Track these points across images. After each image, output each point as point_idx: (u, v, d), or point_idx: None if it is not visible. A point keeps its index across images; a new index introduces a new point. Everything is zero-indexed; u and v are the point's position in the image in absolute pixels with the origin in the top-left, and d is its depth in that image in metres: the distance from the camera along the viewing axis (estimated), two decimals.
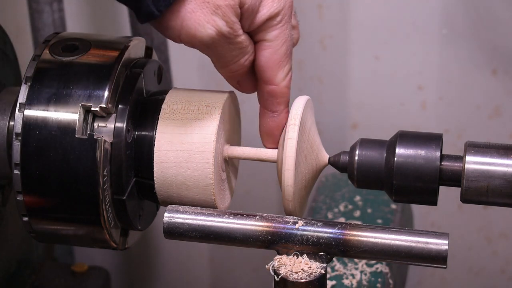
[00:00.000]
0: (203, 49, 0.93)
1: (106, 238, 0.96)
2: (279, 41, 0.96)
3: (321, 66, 1.57)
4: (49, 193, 0.93)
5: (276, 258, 0.92)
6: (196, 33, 0.91)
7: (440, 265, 0.90)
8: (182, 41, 0.93)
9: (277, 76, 0.96)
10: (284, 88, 0.97)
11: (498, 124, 1.55)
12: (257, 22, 0.93)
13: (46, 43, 0.97)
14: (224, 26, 0.91)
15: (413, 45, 1.52)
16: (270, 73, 0.96)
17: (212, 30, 0.91)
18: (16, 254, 1.17)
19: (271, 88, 0.97)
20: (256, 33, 0.95)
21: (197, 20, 0.91)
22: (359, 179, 0.95)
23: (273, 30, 0.95)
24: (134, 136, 0.96)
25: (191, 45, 0.93)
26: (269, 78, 0.96)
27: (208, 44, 0.92)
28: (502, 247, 1.64)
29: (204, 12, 0.91)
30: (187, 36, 0.92)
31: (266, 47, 0.95)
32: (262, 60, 0.96)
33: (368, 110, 1.58)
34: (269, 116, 0.98)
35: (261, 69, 0.96)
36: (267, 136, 0.98)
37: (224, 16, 0.91)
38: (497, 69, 1.51)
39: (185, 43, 0.93)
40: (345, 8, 1.51)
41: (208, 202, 0.96)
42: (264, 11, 0.94)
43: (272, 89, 0.97)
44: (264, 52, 0.96)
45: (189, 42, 0.92)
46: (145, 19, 0.92)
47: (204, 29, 0.91)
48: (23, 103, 0.93)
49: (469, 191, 0.91)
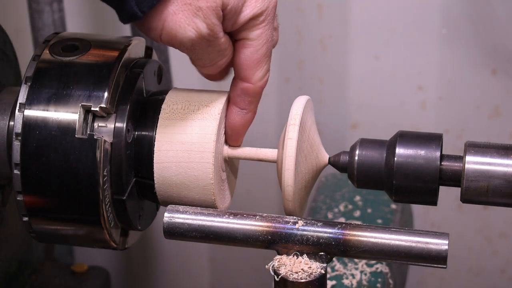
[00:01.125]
0: (182, 50, 0.94)
1: (106, 238, 0.96)
2: (260, 40, 0.96)
3: (321, 66, 1.57)
4: (49, 193, 0.93)
5: (276, 258, 0.92)
6: (177, 35, 0.91)
7: (440, 265, 0.90)
8: (162, 41, 0.93)
9: (255, 75, 0.96)
10: (259, 88, 0.97)
11: (498, 124, 1.55)
12: (240, 22, 0.93)
13: (46, 43, 0.97)
14: (205, 28, 0.91)
15: (413, 45, 1.52)
16: (249, 72, 0.96)
17: (192, 32, 0.91)
18: (16, 254, 1.17)
19: (246, 86, 0.97)
20: (238, 32, 0.95)
21: (178, 22, 0.91)
22: (359, 179, 0.95)
23: (256, 30, 0.95)
24: (134, 136, 0.96)
25: (171, 45, 0.94)
26: (246, 76, 0.96)
27: (188, 45, 0.92)
28: (502, 247, 1.64)
29: (185, 14, 0.91)
30: (167, 37, 0.92)
31: (247, 45, 0.95)
32: (242, 58, 0.96)
33: (368, 110, 1.58)
34: (237, 113, 0.98)
35: (240, 66, 0.96)
36: (231, 132, 0.98)
37: (206, 19, 0.91)
38: (497, 69, 1.51)
39: (165, 43, 0.93)
40: (345, 8, 1.51)
41: (208, 202, 0.96)
42: (248, 11, 0.94)
43: (247, 87, 0.97)
44: (245, 51, 0.96)
45: (169, 42, 0.93)
46: (128, 19, 0.92)
47: (185, 31, 0.91)
48: (23, 103, 0.93)
49: (469, 191, 0.91)
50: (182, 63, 1.54)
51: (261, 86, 0.97)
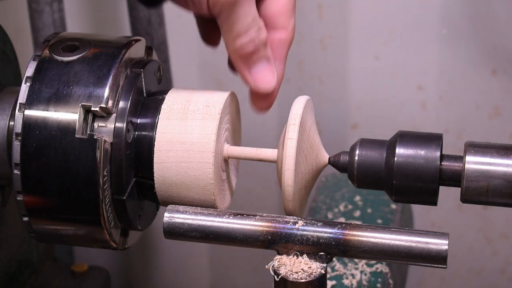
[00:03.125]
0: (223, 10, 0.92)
1: (106, 238, 0.96)
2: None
3: (321, 66, 1.57)
4: (49, 193, 0.93)
5: (276, 258, 0.92)
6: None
7: (440, 265, 0.90)
8: (210, 3, 0.91)
9: (290, 22, 0.97)
10: (292, 38, 0.97)
11: (498, 124, 1.55)
12: None
13: (46, 43, 0.97)
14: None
15: (413, 45, 1.52)
16: (286, 20, 0.96)
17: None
18: (16, 254, 1.17)
19: (284, 36, 0.97)
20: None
21: None
22: (359, 179, 0.95)
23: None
24: (134, 136, 0.96)
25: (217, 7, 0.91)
26: (284, 24, 0.96)
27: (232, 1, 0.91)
28: (502, 247, 1.65)
29: None
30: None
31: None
32: (280, 6, 0.96)
33: (368, 110, 1.58)
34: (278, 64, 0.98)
35: (278, 15, 0.96)
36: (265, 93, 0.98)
37: None
38: (497, 69, 1.51)
39: (211, 4, 0.91)
40: (345, 8, 1.52)
41: (208, 202, 0.96)
42: None
43: (285, 37, 0.97)
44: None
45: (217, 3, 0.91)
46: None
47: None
48: (23, 103, 0.93)
49: (469, 191, 0.91)
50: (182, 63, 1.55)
51: (293, 35, 0.98)
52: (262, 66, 0.96)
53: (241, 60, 0.95)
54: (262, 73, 0.96)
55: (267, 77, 0.97)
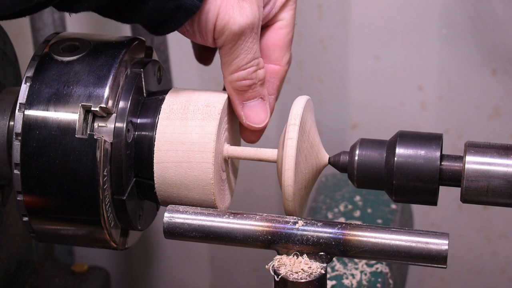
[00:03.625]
0: (227, 41, 0.92)
1: (106, 238, 0.96)
2: (292, 21, 0.97)
3: (321, 66, 1.57)
4: (49, 193, 0.93)
5: (276, 258, 0.92)
6: (230, 20, 0.90)
7: (440, 265, 0.90)
8: (215, 32, 0.91)
9: (285, 57, 0.97)
10: (285, 72, 0.97)
11: (498, 124, 1.55)
12: (279, 3, 0.94)
13: (46, 43, 0.97)
14: (256, 12, 0.91)
15: (413, 45, 1.52)
16: (280, 54, 0.96)
17: (244, 16, 0.90)
18: (16, 254, 1.17)
19: (276, 69, 0.97)
20: (273, 16, 0.95)
21: (232, 5, 0.90)
22: (359, 179, 0.95)
23: (290, 11, 0.96)
24: (134, 136, 0.96)
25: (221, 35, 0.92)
26: (277, 58, 0.97)
27: (237, 33, 0.91)
28: (502, 247, 1.64)
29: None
30: (221, 24, 0.90)
31: (282, 26, 0.96)
32: (276, 40, 0.96)
33: (368, 110, 1.58)
34: None
35: (273, 48, 0.96)
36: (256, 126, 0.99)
37: (257, 1, 0.91)
38: (497, 69, 1.51)
39: (217, 33, 0.92)
40: (345, 8, 1.51)
41: (208, 202, 0.96)
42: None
43: (277, 70, 0.97)
44: (279, 32, 0.96)
45: (221, 31, 0.91)
46: (186, 16, 0.90)
47: (240, 14, 0.90)
48: (23, 103, 0.93)
49: (469, 191, 0.91)
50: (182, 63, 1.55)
51: (287, 69, 0.98)
52: (256, 103, 0.97)
53: (236, 93, 0.96)
54: (255, 110, 0.97)
55: (260, 115, 0.97)
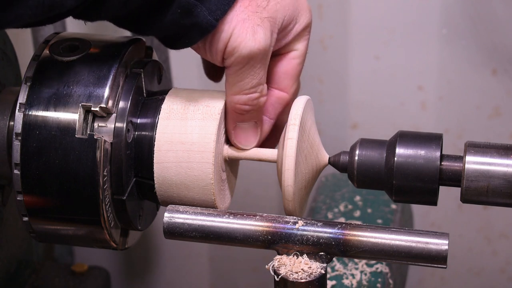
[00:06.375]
0: (235, 64, 0.92)
1: (106, 238, 0.96)
2: (305, 51, 0.97)
3: (321, 66, 1.57)
4: (49, 193, 0.93)
5: (276, 258, 0.92)
6: (242, 43, 0.90)
7: (440, 265, 0.90)
8: (226, 53, 0.91)
9: (293, 85, 0.98)
10: (291, 100, 0.98)
11: (498, 124, 1.55)
12: (295, 31, 0.94)
13: (46, 43, 0.97)
14: (268, 38, 0.90)
15: (413, 45, 1.52)
16: (289, 82, 0.97)
17: (256, 41, 0.90)
18: (16, 254, 1.17)
19: (283, 96, 0.98)
20: (287, 44, 0.95)
21: (245, 29, 0.90)
22: (359, 179, 0.95)
23: (304, 41, 0.96)
24: (134, 136, 0.96)
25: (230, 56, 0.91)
26: (286, 86, 0.97)
27: (246, 57, 0.91)
28: (502, 247, 1.64)
29: (252, 22, 0.90)
30: (233, 46, 0.90)
31: (296, 56, 0.97)
32: (289, 69, 0.96)
33: (368, 110, 1.58)
34: (264, 121, 0.99)
35: (283, 76, 0.97)
36: None
37: (271, 27, 0.90)
38: (497, 69, 1.51)
39: (227, 54, 0.91)
40: (345, 8, 1.51)
41: (208, 202, 0.96)
42: (302, 20, 0.94)
43: (284, 97, 0.98)
44: (292, 61, 0.96)
45: (232, 52, 0.91)
46: (201, 34, 0.90)
47: (252, 39, 0.89)
48: (23, 103, 0.93)
49: (469, 191, 0.91)
50: (182, 63, 1.55)
51: (294, 97, 0.98)
52: (248, 126, 0.97)
53: (232, 113, 0.96)
54: (245, 132, 0.97)
55: (249, 138, 0.98)
